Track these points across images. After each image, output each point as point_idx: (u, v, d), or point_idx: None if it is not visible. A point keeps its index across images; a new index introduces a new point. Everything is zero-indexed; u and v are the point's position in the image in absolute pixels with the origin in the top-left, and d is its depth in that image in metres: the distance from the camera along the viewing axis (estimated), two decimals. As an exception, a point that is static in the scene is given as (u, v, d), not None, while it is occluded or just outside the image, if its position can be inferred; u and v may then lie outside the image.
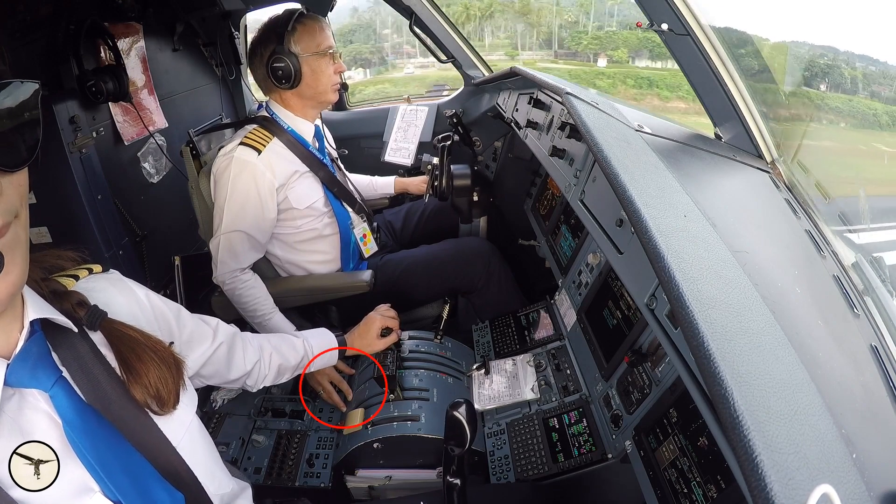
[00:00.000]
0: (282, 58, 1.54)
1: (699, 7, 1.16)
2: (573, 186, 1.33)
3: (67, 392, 0.58)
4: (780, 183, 1.27)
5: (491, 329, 1.68)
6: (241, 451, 1.31)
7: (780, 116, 1.36)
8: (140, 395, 0.65)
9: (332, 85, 1.64)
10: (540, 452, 1.21)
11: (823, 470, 0.47)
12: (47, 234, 1.91)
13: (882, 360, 0.80)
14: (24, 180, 0.52)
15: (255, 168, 1.51)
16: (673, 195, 0.86)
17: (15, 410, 0.56)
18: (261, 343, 1.15)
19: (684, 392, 0.88)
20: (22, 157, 0.50)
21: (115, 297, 0.73)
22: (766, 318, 0.64)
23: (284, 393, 1.48)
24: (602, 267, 1.36)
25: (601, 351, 1.26)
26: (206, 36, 2.74)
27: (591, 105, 1.19)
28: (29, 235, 0.54)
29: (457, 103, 2.75)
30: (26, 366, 0.56)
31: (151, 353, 0.68)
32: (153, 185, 2.36)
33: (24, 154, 0.50)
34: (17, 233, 0.50)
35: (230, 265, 1.54)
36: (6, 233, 0.48)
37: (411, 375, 1.39)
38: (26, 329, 0.57)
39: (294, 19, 1.56)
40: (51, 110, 1.77)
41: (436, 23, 2.47)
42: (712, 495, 0.79)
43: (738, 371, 0.53)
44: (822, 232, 1.12)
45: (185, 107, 2.62)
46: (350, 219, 1.77)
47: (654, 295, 0.90)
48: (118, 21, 2.12)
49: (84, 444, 0.57)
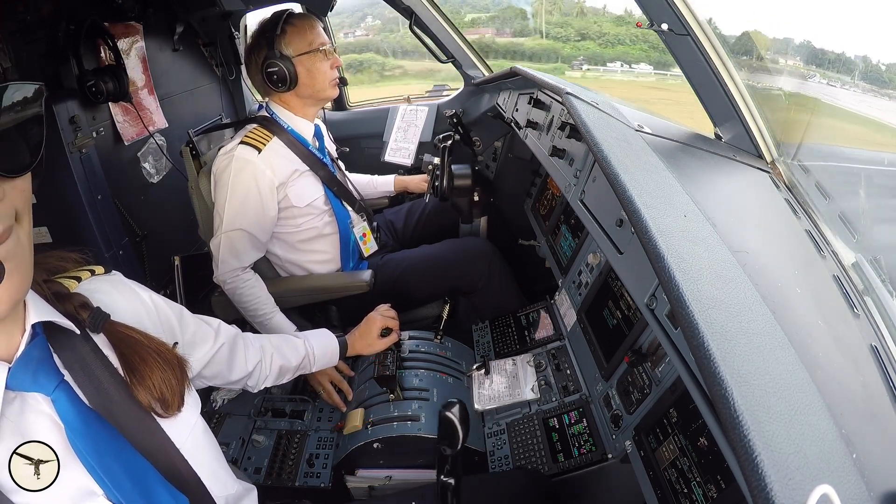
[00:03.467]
0: (275, 62, 1.54)
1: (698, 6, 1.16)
2: (573, 186, 1.33)
3: (69, 396, 0.58)
4: (780, 183, 1.27)
5: (491, 329, 1.68)
6: (242, 451, 1.31)
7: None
8: (144, 398, 0.64)
9: (330, 81, 1.63)
10: (540, 452, 1.21)
11: (823, 470, 0.47)
12: (47, 234, 1.91)
13: (882, 360, 0.80)
14: (27, 185, 0.51)
15: (256, 166, 1.51)
16: (673, 195, 0.86)
17: (17, 414, 0.56)
18: (262, 344, 1.15)
19: (684, 392, 0.88)
20: (24, 162, 0.49)
21: (118, 299, 0.73)
22: (767, 318, 0.63)
23: (284, 393, 1.48)
24: (602, 267, 1.36)
25: (601, 351, 1.26)
26: (206, 36, 2.74)
27: (591, 105, 1.19)
28: (33, 243, 0.53)
29: (457, 103, 2.75)
30: (28, 370, 0.55)
31: (155, 354, 0.67)
32: (153, 185, 2.36)
33: (27, 158, 0.49)
34: (20, 238, 0.49)
35: (231, 264, 1.54)
36: (6, 239, 0.47)
37: (411, 375, 1.39)
38: (28, 332, 0.57)
39: (282, 21, 1.55)
40: (51, 110, 1.77)
41: (436, 23, 2.47)
42: (712, 495, 0.79)
43: (738, 371, 0.53)
44: (822, 232, 1.12)
45: (185, 107, 2.62)
46: (350, 218, 1.77)
47: (654, 295, 0.90)
48: (118, 21, 2.12)
49: (86, 447, 0.57)
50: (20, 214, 0.50)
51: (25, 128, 0.48)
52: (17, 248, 0.49)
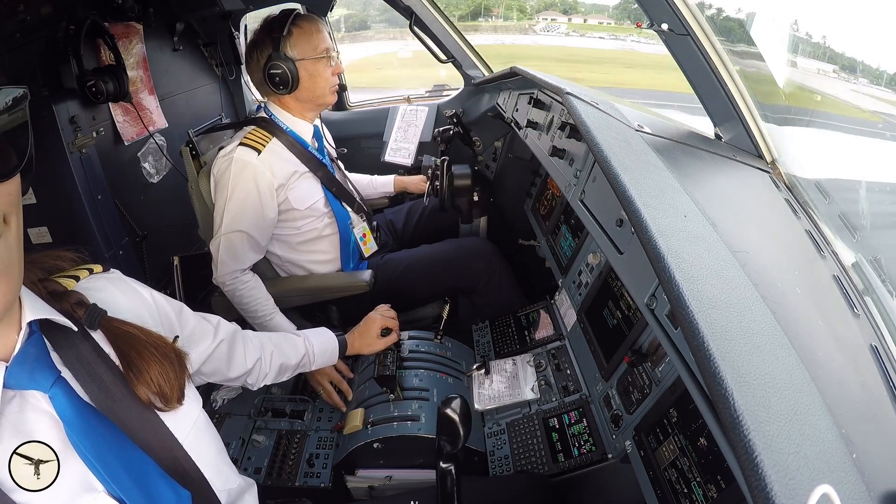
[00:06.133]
0: (278, 64, 1.52)
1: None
2: (573, 186, 1.33)
3: (67, 392, 0.58)
4: (780, 183, 1.27)
5: (491, 329, 1.68)
6: (242, 451, 1.31)
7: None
8: (143, 393, 0.65)
9: (331, 87, 1.63)
10: (540, 452, 1.21)
11: (823, 470, 0.47)
12: (47, 234, 1.91)
13: (882, 360, 0.80)
14: (14, 188, 0.50)
15: (255, 168, 1.51)
16: (673, 195, 0.86)
17: (16, 412, 0.56)
18: (262, 341, 1.15)
19: (684, 392, 0.88)
20: (11, 165, 0.48)
21: (116, 295, 0.73)
22: (767, 318, 0.64)
23: (284, 393, 1.48)
24: (602, 267, 1.36)
25: (601, 351, 1.26)
26: (206, 36, 2.73)
27: (591, 105, 1.19)
28: (23, 244, 0.52)
29: (457, 103, 2.75)
30: (25, 367, 0.56)
31: (152, 349, 0.68)
32: (153, 185, 2.36)
33: (14, 161, 0.49)
34: (8, 242, 0.49)
35: (231, 266, 1.54)
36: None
37: (411, 375, 1.39)
38: (24, 331, 0.57)
39: (290, 22, 1.53)
40: (51, 110, 1.77)
41: (436, 23, 2.47)
42: (712, 495, 0.79)
43: (738, 371, 0.53)
44: (822, 232, 1.12)
45: (185, 107, 2.62)
46: (350, 218, 1.77)
47: (654, 295, 0.90)
48: (118, 21, 2.12)
49: (84, 443, 0.57)
50: (8, 217, 0.49)
51: (11, 132, 0.48)
52: (5, 252, 0.49)
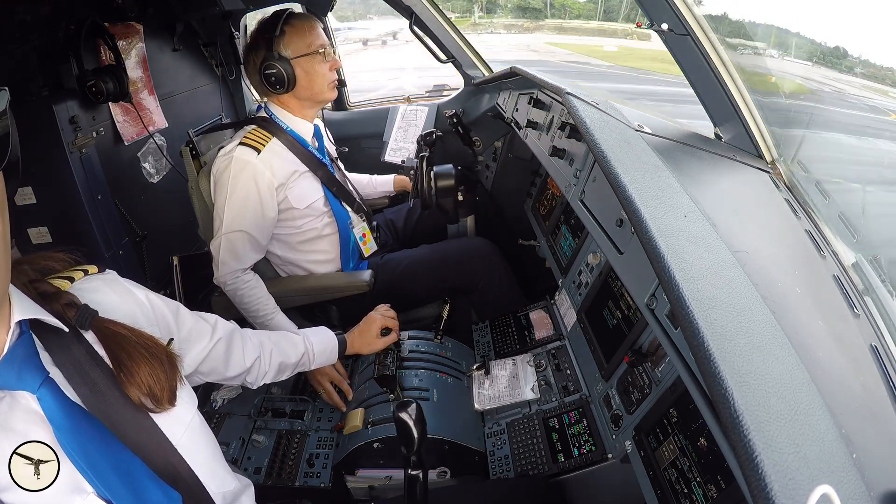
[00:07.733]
0: (273, 64, 1.52)
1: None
2: (573, 186, 1.33)
3: (55, 393, 0.58)
4: (780, 183, 1.27)
5: (491, 329, 1.68)
6: (242, 451, 1.31)
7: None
8: (133, 393, 0.64)
9: (329, 83, 1.63)
10: (540, 452, 1.21)
11: (823, 470, 0.47)
12: (47, 234, 1.91)
13: (882, 360, 0.80)
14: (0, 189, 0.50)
15: (255, 167, 1.51)
16: (673, 195, 0.86)
17: (6, 412, 0.56)
18: (261, 340, 1.15)
19: (684, 392, 0.88)
20: None
21: (110, 296, 0.73)
22: (767, 319, 0.64)
23: (284, 393, 1.48)
24: (602, 267, 1.36)
25: (601, 351, 1.26)
26: (206, 36, 2.73)
27: (591, 105, 1.19)
28: (10, 245, 0.52)
29: (457, 103, 2.75)
30: (12, 368, 0.55)
31: (142, 350, 0.67)
32: (153, 185, 2.36)
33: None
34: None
35: (231, 266, 1.54)
36: None
37: (411, 375, 1.39)
38: (13, 331, 0.57)
39: (282, 22, 1.53)
40: (51, 110, 1.77)
41: (436, 23, 2.47)
42: (712, 495, 0.79)
43: (738, 371, 0.53)
44: (822, 232, 1.12)
45: (185, 107, 2.61)
46: (349, 218, 1.77)
47: (654, 295, 0.90)
48: (118, 21, 2.12)
49: (72, 444, 0.57)
50: None
51: None
52: None
